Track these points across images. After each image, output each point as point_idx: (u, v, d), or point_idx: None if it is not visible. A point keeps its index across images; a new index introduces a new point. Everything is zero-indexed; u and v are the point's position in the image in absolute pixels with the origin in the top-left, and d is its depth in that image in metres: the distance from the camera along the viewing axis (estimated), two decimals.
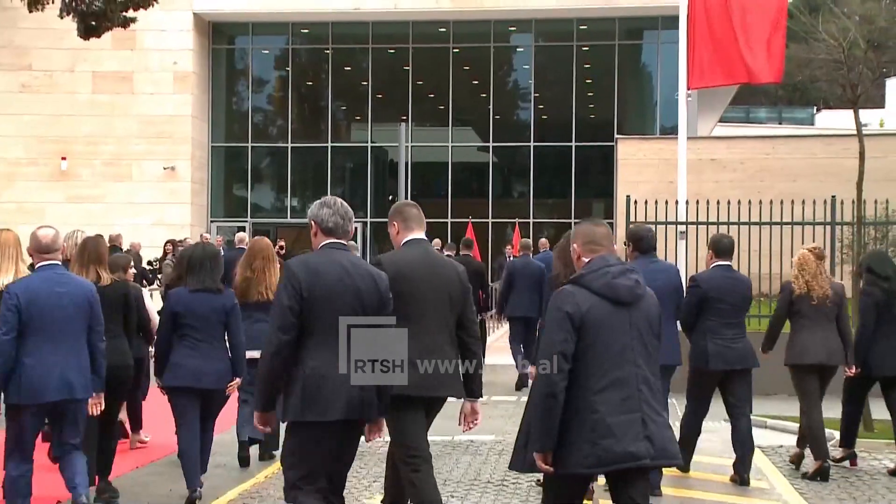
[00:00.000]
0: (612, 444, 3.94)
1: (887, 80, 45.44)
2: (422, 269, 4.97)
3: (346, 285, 4.36)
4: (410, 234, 5.11)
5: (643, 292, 4.17)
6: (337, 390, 4.32)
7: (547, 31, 25.38)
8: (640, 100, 26.41)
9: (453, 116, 25.51)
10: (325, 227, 4.48)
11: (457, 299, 5.01)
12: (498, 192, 25.80)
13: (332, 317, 4.33)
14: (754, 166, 21.23)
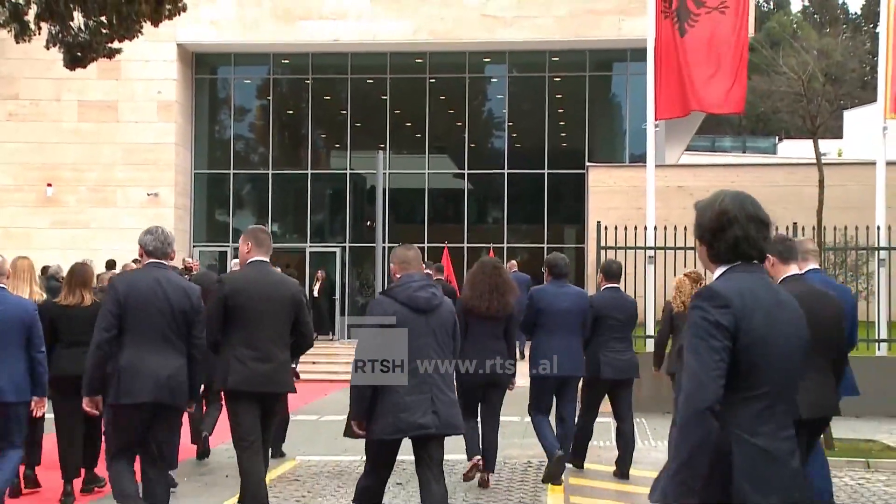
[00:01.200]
0: (407, 417, 4.97)
1: (845, 111, 46.02)
2: (258, 286, 5.76)
3: (158, 296, 5.40)
4: (256, 256, 5.87)
5: (439, 302, 5.19)
6: (145, 379, 5.30)
7: (520, 62, 25.55)
8: (609, 129, 26.60)
9: (430, 144, 25.58)
10: (147, 251, 5.63)
11: (289, 311, 5.82)
12: (473, 218, 25.86)
13: (144, 320, 5.37)
14: None
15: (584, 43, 23.66)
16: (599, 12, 22.91)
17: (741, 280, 3.00)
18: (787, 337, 2.95)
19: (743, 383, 2.87)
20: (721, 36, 12.24)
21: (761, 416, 2.87)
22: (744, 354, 2.86)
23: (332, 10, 23.70)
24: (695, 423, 2.76)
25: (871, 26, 55.49)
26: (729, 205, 3.14)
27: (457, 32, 23.55)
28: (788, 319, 2.98)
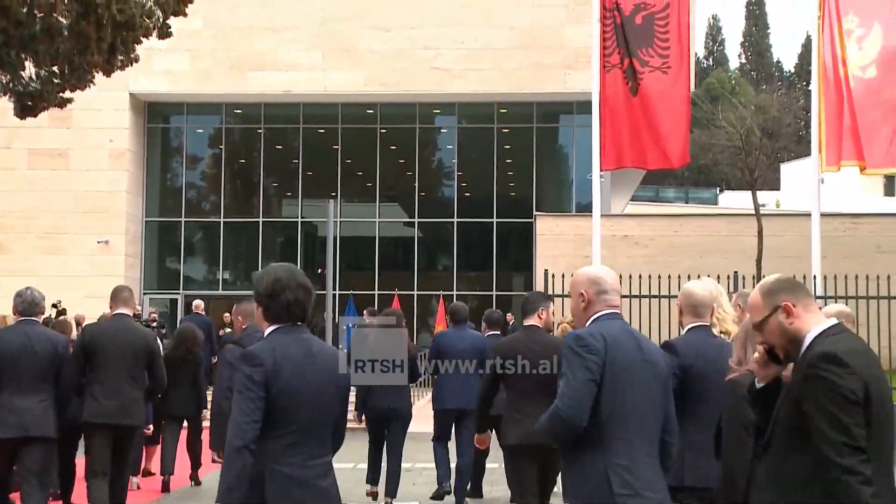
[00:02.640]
0: None
1: (782, 164, 47.10)
2: (113, 335, 6.68)
3: (26, 346, 6.33)
4: (118, 310, 6.77)
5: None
6: (7, 415, 6.27)
7: (469, 113, 25.80)
8: (556, 179, 26.88)
9: (380, 193, 25.62)
10: (19, 311, 6.51)
11: (141, 357, 6.71)
12: (423, 266, 25.85)
13: (14, 368, 6.29)
14: (664, 243, 21.71)
15: (532, 95, 23.99)
16: (546, 66, 23.27)
17: (277, 339, 3.62)
18: (317, 383, 3.57)
19: (276, 423, 3.49)
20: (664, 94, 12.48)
21: (291, 448, 3.50)
22: (275, 401, 3.49)
23: (285, 62, 23.76)
24: (234, 458, 3.38)
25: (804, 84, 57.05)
26: (282, 274, 3.71)
27: (407, 84, 23.74)
28: (319, 369, 3.61)
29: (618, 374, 3.57)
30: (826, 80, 12.72)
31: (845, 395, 2.78)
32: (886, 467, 2.85)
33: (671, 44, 12.48)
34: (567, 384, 3.55)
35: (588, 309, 3.80)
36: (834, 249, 17.93)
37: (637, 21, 12.57)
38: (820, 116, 12.59)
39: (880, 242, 20.50)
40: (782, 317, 3.07)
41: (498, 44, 23.36)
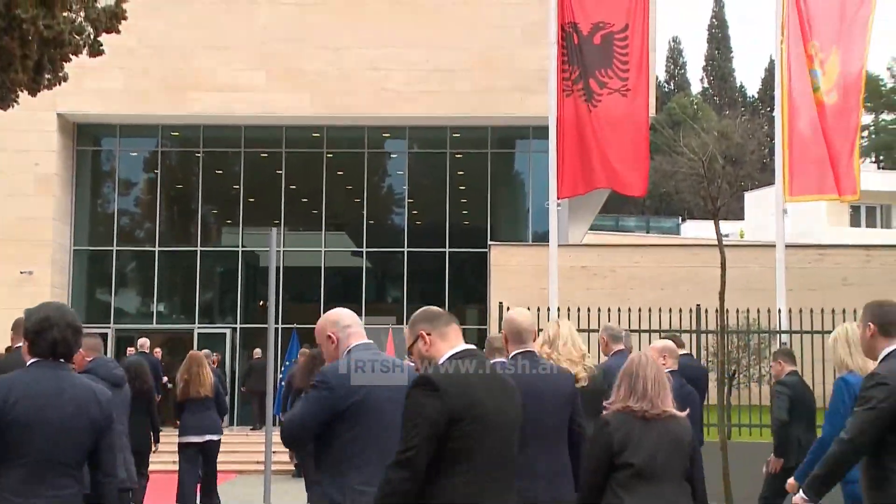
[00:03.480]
0: None
1: (746, 193, 47.82)
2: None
3: None
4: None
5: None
6: None
7: (420, 138, 25.87)
8: (512, 207, 27.01)
9: (326, 221, 25.52)
10: None
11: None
12: (371, 298, 25.76)
13: None
14: (624, 274, 21.87)
15: (486, 119, 24.13)
16: (501, 89, 23.44)
17: (25, 374, 4.05)
18: (60, 418, 3.94)
19: (8, 455, 3.84)
20: (623, 117, 12.60)
21: (25, 480, 3.84)
22: (5, 433, 3.85)
23: (225, 82, 23.65)
24: None
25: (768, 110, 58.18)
26: (52, 313, 4.15)
27: (355, 106, 23.75)
28: (66, 405, 3.97)
29: None
30: (790, 106, 12.97)
31: (419, 413, 3.55)
32: (485, 472, 3.62)
33: (631, 65, 12.63)
34: None
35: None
36: (799, 282, 18.20)
37: (595, 41, 12.71)
38: (784, 144, 12.82)
39: (846, 275, 20.85)
40: (420, 343, 3.89)
41: (451, 65, 23.50)
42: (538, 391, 4.97)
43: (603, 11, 12.77)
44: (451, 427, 3.53)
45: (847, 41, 12.94)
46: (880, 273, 20.88)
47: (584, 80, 12.64)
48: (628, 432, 4.44)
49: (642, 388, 4.48)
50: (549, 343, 5.91)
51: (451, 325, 3.91)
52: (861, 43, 12.94)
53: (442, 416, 3.52)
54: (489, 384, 3.69)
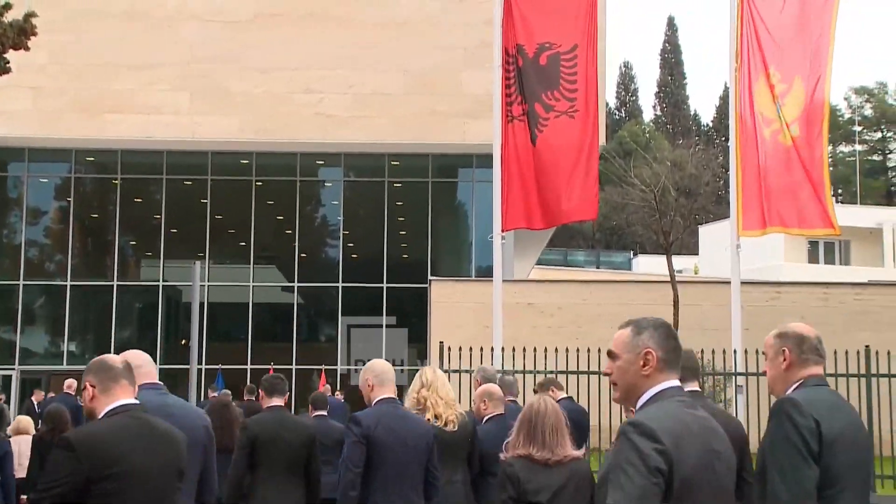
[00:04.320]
0: None
1: (700, 226, 48.56)
2: None
3: None
4: None
5: None
6: None
7: (357, 165, 25.88)
8: (454, 240, 27.10)
9: (255, 254, 25.35)
10: None
11: None
12: (303, 336, 25.59)
13: None
14: (572, 312, 22.01)
15: (427, 146, 24.24)
16: (443, 114, 23.59)
17: None
18: None
19: None
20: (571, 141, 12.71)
21: None
22: None
23: (146, 103, 23.47)
24: None
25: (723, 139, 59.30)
26: None
27: (287, 131, 23.70)
28: None
29: None
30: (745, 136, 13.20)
31: (55, 471, 3.82)
32: None
33: (579, 86, 12.76)
34: None
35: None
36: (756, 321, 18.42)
37: (542, 62, 12.83)
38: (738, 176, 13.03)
39: (804, 313, 21.20)
40: (85, 395, 4.11)
41: (389, 89, 23.60)
42: (400, 437, 5.57)
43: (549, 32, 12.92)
44: (90, 485, 3.75)
45: (809, 71, 13.25)
46: (839, 312, 21.30)
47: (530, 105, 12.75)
48: (531, 477, 4.79)
49: (541, 437, 4.81)
50: (426, 386, 6.35)
51: (121, 380, 4.12)
52: (822, 72, 13.26)
53: (78, 475, 3.74)
54: (140, 437, 3.96)
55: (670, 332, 3.47)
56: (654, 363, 3.32)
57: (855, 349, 13.27)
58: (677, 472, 3.03)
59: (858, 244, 47.30)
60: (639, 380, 3.33)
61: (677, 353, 3.42)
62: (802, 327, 4.44)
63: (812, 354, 4.32)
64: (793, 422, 3.96)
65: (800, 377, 4.27)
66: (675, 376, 3.36)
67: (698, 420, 3.23)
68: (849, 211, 48.22)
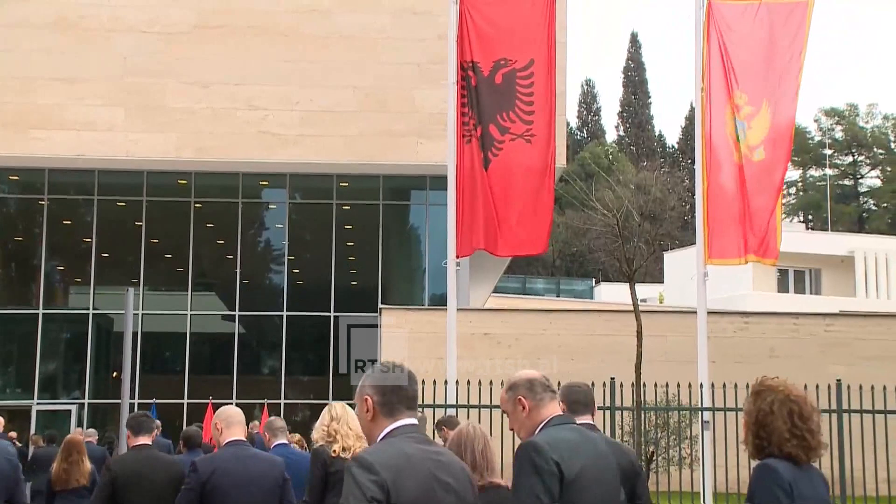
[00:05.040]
0: None
1: (665, 253, 48.96)
2: None
3: None
4: None
5: None
6: None
7: (303, 186, 25.83)
8: (406, 266, 27.10)
9: (193, 280, 25.18)
10: None
11: None
12: (244, 368, 25.41)
13: None
14: (531, 343, 22.06)
15: (378, 167, 24.26)
16: (394, 133, 23.64)
17: None
18: None
19: None
20: (527, 166, 12.76)
21: None
22: None
23: (76, 119, 23.27)
24: None
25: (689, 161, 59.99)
26: None
27: (229, 150, 23.61)
28: None
29: None
30: (712, 159, 13.36)
31: None
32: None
33: (536, 107, 12.80)
34: None
35: None
36: (723, 352, 18.64)
37: (497, 80, 12.87)
38: (705, 201, 13.17)
39: (774, 345, 21.46)
40: None
41: (338, 106, 23.61)
42: (240, 480, 6.12)
43: (505, 47, 12.97)
44: None
45: (777, 94, 13.46)
46: (810, 344, 21.57)
47: (484, 126, 12.78)
48: None
49: (471, 460, 5.01)
50: (336, 420, 6.82)
51: None
52: (791, 95, 13.48)
53: None
54: None
55: (388, 377, 3.97)
56: (371, 407, 3.83)
57: (826, 383, 13.43)
58: (396, 499, 3.51)
59: (829, 273, 47.94)
60: (366, 424, 3.86)
61: (398, 395, 3.85)
62: (525, 372, 4.79)
63: (545, 393, 4.66)
64: (534, 466, 4.32)
65: (541, 419, 4.62)
66: (406, 416, 3.84)
67: (426, 453, 3.71)
68: (820, 238, 48.95)
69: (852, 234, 57.18)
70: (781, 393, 4.26)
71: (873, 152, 74.28)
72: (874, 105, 79.94)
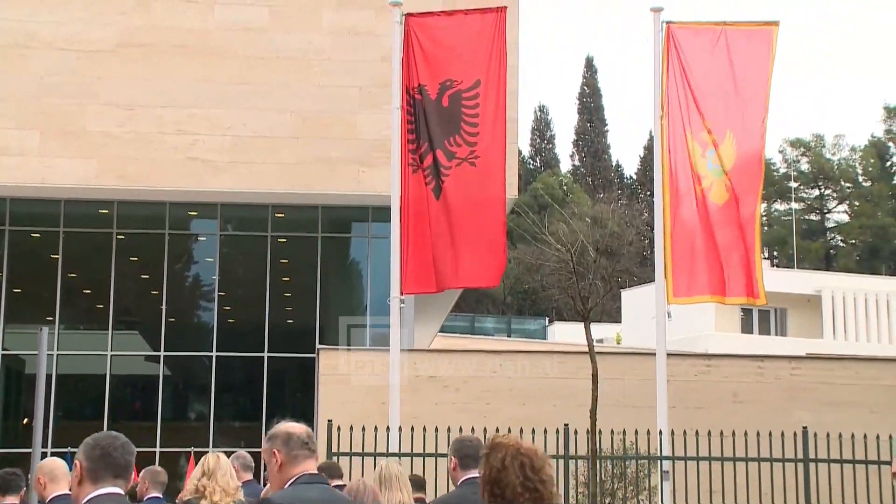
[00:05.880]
0: None
1: (623, 291, 49.30)
2: None
3: None
4: None
5: None
6: None
7: (235, 217, 25.71)
8: (347, 303, 27.01)
9: (114, 318, 24.90)
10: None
11: None
12: (169, 414, 25.14)
13: None
14: (480, 386, 22.05)
15: (316, 197, 24.20)
16: (334, 161, 23.62)
17: None
18: None
19: None
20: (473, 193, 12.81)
21: None
22: None
23: None
24: None
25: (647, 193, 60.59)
26: None
27: (155, 177, 23.44)
28: None
29: None
30: (674, 191, 13.49)
31: None
32: None
33: (482, 129, 12.87)
34: None
35: None
36: (684, 397, 18.77)
37: (444, 103, 12.95)
38: (665, 235, 13.29)
39: (737, 390, 21.62)
40: None
41: (274, 131, 23.57)
42: None
43: (451, 68, 13.06)
44: None
45: (742, 124, 13.64)
46: (775, 388, 21.76)
47: (432, 153, 12.83)
48: None
49: None
50: (207, 474, 7.11)
51: None
52: (758, 125, 13.66)
53: None
54: None
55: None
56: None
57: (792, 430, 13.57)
58: None
59: (795, 312, 48.58)
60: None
61: (105, 461, 4.22)
62: (289, 425, 5.10)
63: (301, 450, 5.00)
64: None
65: (292, 475, 4.96)
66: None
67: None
68: (785, 276, 49.58)
69: (819, 271, 58.05)
70: (512, 448, 4.47)
71: (840, 186, 75.59)
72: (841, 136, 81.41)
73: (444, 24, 13.44)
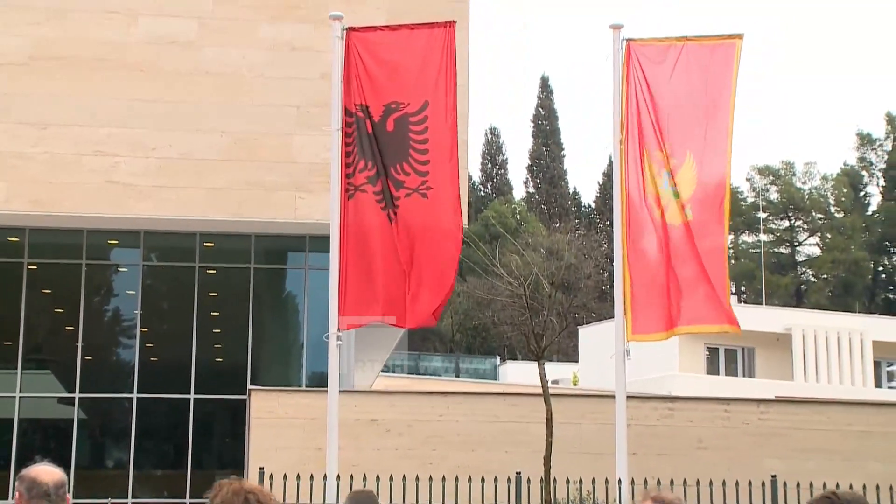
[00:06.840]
0: None
1: (580, 328, 49.51)
2: None
3: None
4: None
5: None
6: None
7: (160, 246, 25.56)
8: (281, 340, 26.93)
9: (24, 356, 24.66)
10: None
11: None
12: (85, 462, 24.89)
13: None
14: (425, 431, 22.03)
15: (248, 224, 24.13)
16: (268, 186, 23.56)
17: None
18: None
19: None
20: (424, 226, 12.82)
21: None
22: None
23: None
24: None
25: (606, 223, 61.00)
26: None
27: (71, 203, 23.26)
28: None
29: None
30: (634, 220, 13.56)
31: None
32: None
33: (431, 156, 12.89)
34: None
35: None
36: (645, 443, 18.85)
37: (388, 127, 12.97)
38: (625, 267, 13.35)
39: (701, 435, 21.76)
40: None
41: (202, 153, 23.49)
42: None
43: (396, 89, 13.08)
44: None
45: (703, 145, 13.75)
46: (742, 433, 21.93)
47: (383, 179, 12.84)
48: None
49: None
50: None
51: None
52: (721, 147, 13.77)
53: None
54: None
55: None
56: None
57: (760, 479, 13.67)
58: None
59: (764, 352, 49.01)
60: None
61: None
62: (40, 470, 5.09)
63: (40, 499, 5.01)
64: None
65: None
66: None
67: None
68: (753, 313, 49.98)
69: (789, 308, 58.69)
70: (236, 484, 4.70)
71: (811, 217, 76.61)
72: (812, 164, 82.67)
73: (388, 40, 13.46)
